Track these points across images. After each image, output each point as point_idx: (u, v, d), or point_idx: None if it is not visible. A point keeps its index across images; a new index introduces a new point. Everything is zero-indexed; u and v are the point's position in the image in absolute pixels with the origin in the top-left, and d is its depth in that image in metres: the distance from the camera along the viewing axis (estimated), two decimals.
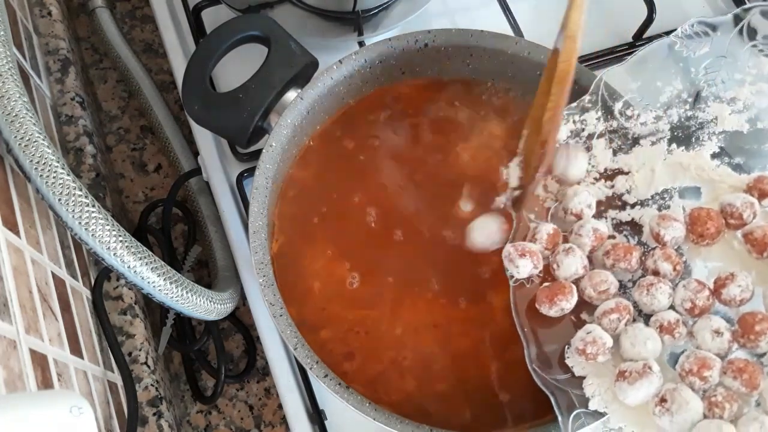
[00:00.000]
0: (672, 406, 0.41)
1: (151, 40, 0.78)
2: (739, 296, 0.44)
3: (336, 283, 0.51)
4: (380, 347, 0.50)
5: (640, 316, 0.46)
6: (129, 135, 0.73)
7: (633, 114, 0.51)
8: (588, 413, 0.43)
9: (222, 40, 0.54)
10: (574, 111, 0.51)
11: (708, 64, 0.51)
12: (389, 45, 0.55)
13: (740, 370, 0.41)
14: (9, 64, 0.44)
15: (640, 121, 0.51)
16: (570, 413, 0.43)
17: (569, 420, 0.43)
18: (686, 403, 0.41)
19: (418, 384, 0.49)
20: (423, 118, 0.57)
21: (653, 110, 0.51)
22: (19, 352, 0.39)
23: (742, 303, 0.44)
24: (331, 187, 0.55)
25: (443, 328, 0.50)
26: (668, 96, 0.52)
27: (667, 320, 0.44)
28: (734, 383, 0.42)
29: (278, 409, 0.62)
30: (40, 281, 0.46)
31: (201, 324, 0.64)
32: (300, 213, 0.54)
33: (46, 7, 0.68)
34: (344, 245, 0.53)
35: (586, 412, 0.43)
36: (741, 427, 0.41)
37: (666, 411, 0.41)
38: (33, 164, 0.43)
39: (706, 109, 0.51)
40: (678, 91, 0.51)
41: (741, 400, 0.42)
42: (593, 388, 0.44)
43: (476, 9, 0.69)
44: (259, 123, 0.53)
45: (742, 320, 0.43)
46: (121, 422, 0.52)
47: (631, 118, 0.51)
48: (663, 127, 0.51)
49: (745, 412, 0.42)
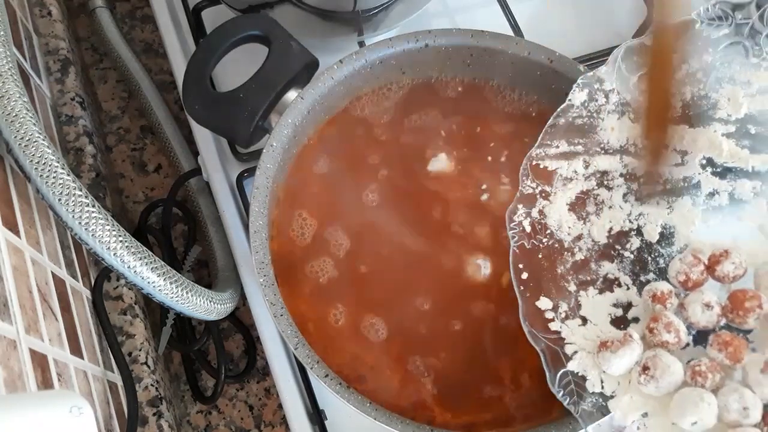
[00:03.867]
0: (656, 372, 0.43)
1: (151, 40, 0.78)
2: (732, 273, 0.45)
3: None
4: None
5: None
6: (129, 135, 0.73)
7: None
8: (575, 374, 0.45)
9: (222, 40, 0.54)
10: (589, 80, 0.51)
11: (726, 46, 0.51)
12: (389, 45, 0.55)
13: (726, 343, 0.43)
14: (9, 64, 0.44)
15: None
16: (558, 371, 0.45)
17: (556, 377, 0.45)
18: (668, 367, 0.43)
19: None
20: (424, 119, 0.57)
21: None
22: (19, 352, 0.39)
23: (734, 280, 0.45)
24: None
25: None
26: (682, 74, 0.51)
27: (660, 290, 0.46)
28: (719, 355, 0.43)
29: (278, 409, 0.62)
30: (40, 281, 0.46)
31: (201, 324, 0.64)
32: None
33: (46, 7, 0.68)
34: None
35: (573, 373, 0.45)
36: (721, 397, 0.42)
37: (650, 378, 0.43)
38: (33, 164, 0.43)
39: (720, 90, 0.51)
40: (693, 70, 0.51)
41: (724, 372, 0.43)
42: (573, 347, 0.46)
43: (476, 9, 0.69)
44: (259, 123, 0.53)
45: (732, 296, 0.44)
46: (121, 422, 0.52)
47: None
48: (674, 104, 0.51)
49: (727, 383, 0.43)
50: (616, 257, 0.50)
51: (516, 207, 0.49)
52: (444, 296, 0.51)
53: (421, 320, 0.51)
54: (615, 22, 0.69)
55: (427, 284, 0.52)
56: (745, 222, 0.49)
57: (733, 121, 0.50)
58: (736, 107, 0.50)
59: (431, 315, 0.51)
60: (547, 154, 0.51)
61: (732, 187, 0.50)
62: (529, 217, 0.49)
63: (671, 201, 0.50)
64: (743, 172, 0.49)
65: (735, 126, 0.50)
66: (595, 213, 0.51)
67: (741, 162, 0.49)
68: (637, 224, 0.50)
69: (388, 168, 0.55)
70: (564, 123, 0.51)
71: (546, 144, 0.51)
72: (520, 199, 0.50)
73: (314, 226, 0.53)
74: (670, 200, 0.50)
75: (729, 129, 0.50)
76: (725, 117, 0.50)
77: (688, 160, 0.50)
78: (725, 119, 0.50)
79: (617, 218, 0.50)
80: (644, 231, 0.50)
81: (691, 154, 0.50)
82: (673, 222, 0.50)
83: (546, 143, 0.51)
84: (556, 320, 0.47)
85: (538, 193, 0.50)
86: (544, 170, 0.51)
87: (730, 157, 0.50)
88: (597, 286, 0.49)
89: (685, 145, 0.50)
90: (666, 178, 0.50)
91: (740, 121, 0.50)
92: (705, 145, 0.50)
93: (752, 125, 0.50)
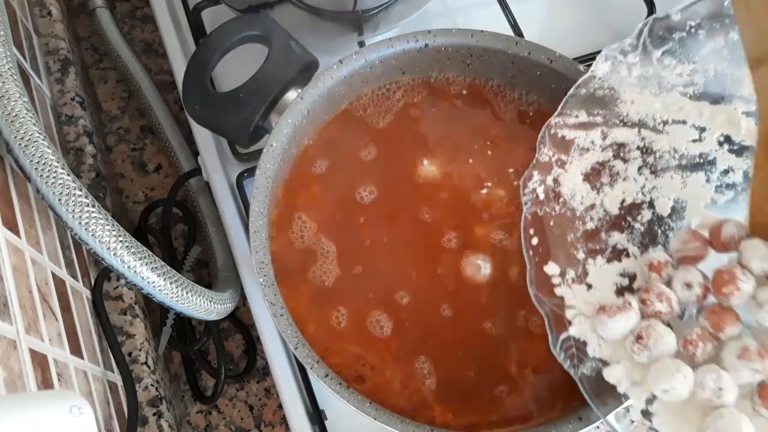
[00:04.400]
0: (649, 342, 0.43)
1: (151, 40, 0.78)
2: (737, 236, 0.45)
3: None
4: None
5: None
6: (129, 135, 0.73)
7: (670, 63, 0.51)
8: (576, 340, 0.45)
9: (222, 40, 0.54)
10: (614, 51, 0.51)
11: None
12: (389, 45, 0.55)
13: (713, 312, 0.43)
14: (9, 64, 0.44)
15: (676, 71, 0.51)
16: (560, 335, 0.45)
17: (558, 340, 0.45)
18: (661, 337, 0.43)
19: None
20: (424, 119, 0.57)
21: (690, 62, 0.51)
22: (19, 352, 0.39)
23: (738, 244, 0.45)
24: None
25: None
26: (708, 50, 0.51)
27: (657, 260, 0.46)
28: (705, 323, 0.43)
29: (278, 409, 0.62)
30: (40, 281, 0.46)
31: (201, 324, 0.64)
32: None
33: (46, 7, 0.68)
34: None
35: (575, 339, 0.45)
36: (699, 374, 0.42)
37: (644, 347, 0.43)
38: (33, 164, 0.43)
39: (744, 68, 0.49)
40: (719, 47, 0.50)
41: (717, 344, 0.43)
42: (573, 312, 0.46)
43: (476, 9, 0.69)
44: (259, 123, 0.53)
45: (715, 275, 0.44)
46: (121, 422, 0.52)
47: (668, 67, 0.51)
48: (698, 80, 0.51)
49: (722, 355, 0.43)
50: (627, 228, 0.49)
51: (531, 173, 0.49)
52: (444, 296, 0.51)
53: (422, 321, 0.51)
54: (615, 22, 0.69)
55: (428, 284, 0.52)
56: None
57: (755, 100, 0.48)
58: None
59: (431, 316, 0.51)
60: (566, 123, 0.51)
61: (747, 165, 0.49)
62: (543, 185, 0.50)
63: (685, 176, 0.50)
64: None
65: (756, 105, 0.48)
66: (609, 184, 0.50)
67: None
68: (649, 197, 0.50)
69: (388, 168, 0.55)
70: (585, 93, 0.51)
71: (566, 113, 0.50)
72: (535, 166, 0.50)
73: (314, 227, 0.53)
74: (684, 175, 0.50)
75: (750, 107, 0.49)
76: (747, 95, 0.49)
77: (706, 137, 0.50)
78: (747, 98, 0.49)
79: (631, 190, 0.50)
80: (656, 204, 0.50)
81: (709, 130, 0.50)
82: (685, 197, 0.49)
83: (566, 113, 0.51)
84: (562, 285, 0.47)
85: (554, 161, 0.50)
86: (562, 139, 0.51)
87: (748, 135, 0.49)
88: (605, 255, 0.49)
89: (704, 121, 0.50)
90: (681, 153, 0.50)
91: None
92: (724, 122, 0.49)
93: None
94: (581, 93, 0.51)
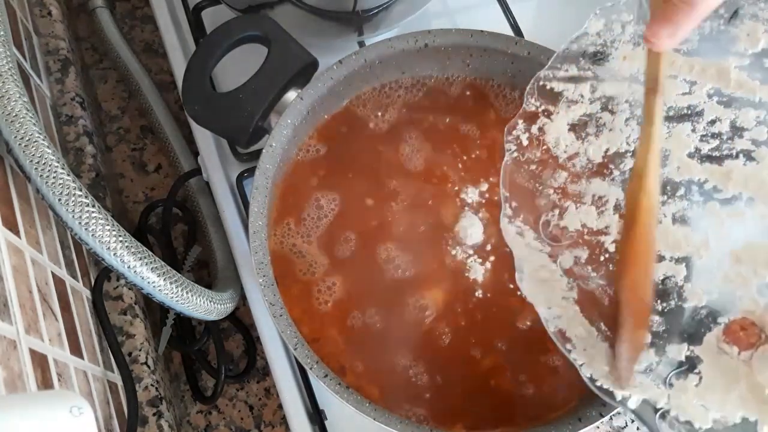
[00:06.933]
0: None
1: (151, 40, 0.78)
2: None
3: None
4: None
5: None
6: (129, 135, 0.73)
7: None
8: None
9: (222, 40, 0.54)
10: (609, 9, 0.51)
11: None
12: (389, 45, 0.55)
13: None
14: (9, 64, 0.44)
15: None
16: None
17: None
18: None
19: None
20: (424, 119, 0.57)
21: None
22: (19, 352, 0.39)
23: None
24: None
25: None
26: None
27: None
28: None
29: (278, 409, 0.62)
30: (40, 281, 0.46)
31: (201, 324, 0.64)
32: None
33: (46, 7, 0.68)
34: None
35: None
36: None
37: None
38: (33, 164, 0.43)
39: (740, 26, 0.50)
40: (717, 3, 0.48)
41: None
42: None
43: (476, 9, 0.69)
44: (259, 123, 0.53)
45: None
46: (121, 422, 0.52)
47: None
48: (692, 38, 0.50)
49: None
50: (608, 176, 0.50)
51: (516, 122, 0.49)
52: (444, 296, 0.51)
53: (421, 321, 0.51)
54: None
55: (427, 284, 0.52)
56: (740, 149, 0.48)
57: (749, 56, 0.49)
58: (754, 42, 0.49)
59: (431, 316, 0.51)
60: (556, 76, 0.51)
61: (735, 115, 0.49)
62: (528, 132, 0.50)
63: (671, 127, 0.49)
64: (749, 102, 0.49)
65: (750, 60, 0.49)
66: (595, 134, 0.51)
67: (748, 92, 0.48)
68: (634, 147, 0.50)
69: (388, 168, 0.55)
70: (576, 49, 0.51)
71: (555, 67, 0.50)
72: (521, 115, 0.50)
73: (314, 228, 0.53)
74: (671, 126, 0.49)
75: (743, 62, 0.49)
76: (741, 51, 0.49)
77: (695, 90, 0.50)
78: (741, 53, 0.49)
79: (615, 140, 0.50)
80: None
81: (698, 84, 0.49)
82: (669, 146, 0.49)
83: (556, 66, 0.50)
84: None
85: (541, 111, 0.50)
86: (551, 91, 0.51)
87: (738, 87, 0.49)
88: (584, 200, 0.49)
89: (695, 75, 0.49)
90: (669, 106, 0.49)
91: (756, 55, 0.49)
92: (714, 75, 0.49)
93: (767, 59, 0.49)
94: (573, 48, 0.51)
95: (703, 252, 0.46)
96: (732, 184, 0.47)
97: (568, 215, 0.49)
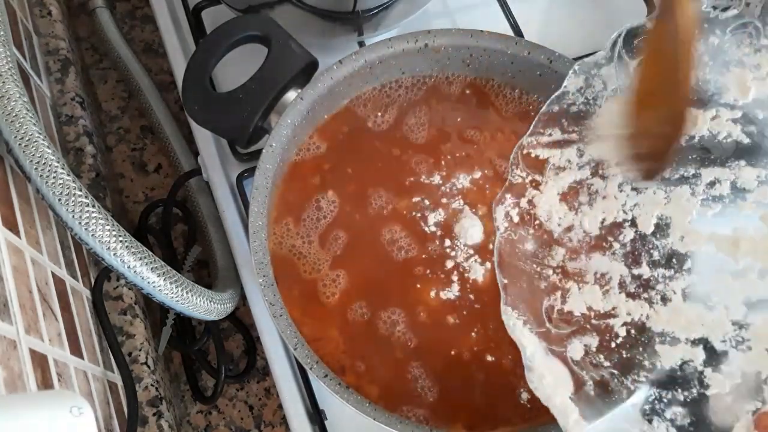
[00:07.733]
0: None
1: (151, 40, 0.78)
2: None
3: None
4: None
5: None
6: (129, 135, 0.74)
7: None
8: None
9: (222, 40, 0.54)
10: (587, 66, 0.49)
11: (734, 28, 0.48)
12: (389, 45, 0.55)
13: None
14: (9, 64, 0.44)
15: None
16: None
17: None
18: None
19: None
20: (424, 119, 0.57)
21: None
22: (19, 352, 0.39)
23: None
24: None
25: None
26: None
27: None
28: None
29: (278, 409, 0.62)
30: (40, 281, 0.46)
31: (201, 324, 0.64)
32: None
33: (46, 7, 0.68)
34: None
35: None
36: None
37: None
38: (33, 164, 0.43)
39: (726, 74, 0.48)
40: (700, 54, 0.48)
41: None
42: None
43: (476, 9, 0.69)
44: (259, 123, 0.53)
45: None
46: (121, 422, 0.52)
47: None
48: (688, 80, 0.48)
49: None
50: (608, 249, 0.48)
51: (503, 197, 0.48)
52: (444, 297, 0.51)
53: (421, 321, 0.51)
54: (615, 23, 0.69)
55: (427, 285, 0.52)
56: (746, 213, 0.46)
57: (740, 106, 0.47)
58: (743, 91, 0.47)
59: (431, 316, 0.51)
60: (539, 142, 0.49)
61: (735, 175, 0.47)
62: (518, 207, 0.48)
63: (669, 191, 0.47)
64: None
65: (741, 111, 0.47)
66: (588, 203, 0.49)
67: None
68: (631, 215, 0.48)
69: (388, 168, 0.55)
70: (558, 110, 0.49)
71: (538, 132, 0.49)
72: (508, 189, 0.48)
73: (314, 228, 0.53)
74: (668, 190, 0.47)
75: (735, 114, 0.47)
76: (732, 102, 0.48)
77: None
78: (731, 104, 0.48)
79: (611, 208, 0.48)
80: (639, 222, 0.47)
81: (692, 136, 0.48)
82: (669, 213, 0.47)
83: (538, 131, 0.49)
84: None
85: (528, 182, 0.48)
86: (536, 159, 0.49)
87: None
88: (586, 279, 0.47)
89: (686, 129, 0.47)
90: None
91: (747, 105, 0.47)
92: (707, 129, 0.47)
93: (760, 110, 0.47)
94: (554, 110, 0.49)
95: (720, 332, 0.43)
96: (741, 253, 0.45)
97: (571, 297, 0.46)
